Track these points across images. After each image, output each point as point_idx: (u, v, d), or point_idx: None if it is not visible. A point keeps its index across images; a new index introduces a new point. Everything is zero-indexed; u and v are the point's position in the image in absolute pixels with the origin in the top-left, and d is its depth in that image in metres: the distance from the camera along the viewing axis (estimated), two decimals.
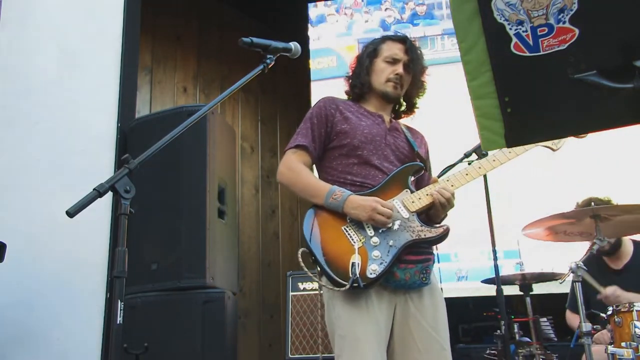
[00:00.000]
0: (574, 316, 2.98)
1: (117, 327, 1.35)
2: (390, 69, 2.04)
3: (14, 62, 3.31)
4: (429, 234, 1.84)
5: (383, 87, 2.04)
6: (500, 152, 1.94)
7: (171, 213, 2.78)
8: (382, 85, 2.04)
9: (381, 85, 2.04)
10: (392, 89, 2.04)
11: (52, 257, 2.94)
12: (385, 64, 2.05)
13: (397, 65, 2.04)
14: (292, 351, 3.18)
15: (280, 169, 1.98)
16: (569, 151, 2.21)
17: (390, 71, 2.03)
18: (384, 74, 2.04)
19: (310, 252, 1.80)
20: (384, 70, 2.05)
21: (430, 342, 1.82)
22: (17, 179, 3.11)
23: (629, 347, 2.13)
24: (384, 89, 2.04)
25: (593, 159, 3.88)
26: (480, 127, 1.16)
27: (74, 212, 1.33)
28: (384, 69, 2.05)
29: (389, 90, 2.04)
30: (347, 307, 1.77)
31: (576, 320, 2.92)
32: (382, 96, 2.06)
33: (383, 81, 2.04)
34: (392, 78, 2.03)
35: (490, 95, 1.11)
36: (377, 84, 2.05)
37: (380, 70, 2.05)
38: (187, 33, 4.79)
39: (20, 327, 2.87)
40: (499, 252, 2.38)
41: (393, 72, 2.03)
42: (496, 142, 1.16)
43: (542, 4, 1.01)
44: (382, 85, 2.04)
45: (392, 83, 2.03)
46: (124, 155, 1.48)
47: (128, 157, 1.45)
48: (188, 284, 2.63)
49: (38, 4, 3.41)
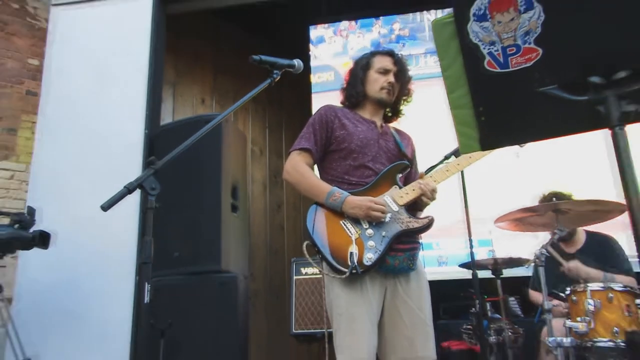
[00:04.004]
0: (535, 293, 2.99)
1: (145, 306, 1.35)
2: (383, 78, 2.04)
3: (58, 79, 3.33)
4: (416, 224, 1.84)
5: (378, 95, 2.04)
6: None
7: (191, 207, 2.78)
8: (377, 92, 2.04)
9: (376, 93, 2.04)
10: (386, 95, 2.04)
11: (90, 246, 2.95)
12: (378, 74, 2.05)
13: (389, 75, 2.04)
14: (295, 327, 3.18)
15: (286, 168, 1.97)
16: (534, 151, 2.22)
17: (383, 80, 2.03)
18: (378, 83, 2.04)
19: (313, 244, 1.80)
20: (377, 80, 2.04)
21: (415, 318, 1.82)
22: (61, 178, 3.12)
23: (583, 321, 2.13)
24: (379, 96, 2.04)
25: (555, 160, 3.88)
26: (458, 133, 1.16)
27: (107, 207, 1.33)
28: (378, 79, 2.04)
29: (383, 96, 2.04)
30: (345, 289, 1.77)
31: (536, 295, 2.95)
32: (376, 102, 2.05)
33: (377, 89, 2.04)
34: (386, 86, 2.03)
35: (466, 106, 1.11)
36: (372, 92, 2.05)
37: (374, 80, 2.05)
38: (205, 52, 4.78)
39: (64, 303, 2.89)
40: (474, 241, 2.37)
41: (386, 81, 2.03)
42: (472, 146, 1.16)
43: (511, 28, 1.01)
44: (377, 92, 2.04)
45: (385, 90, 2.03)
46: (150, 158, 1.47)
47: (154, 159, 1.45)
48: (205, 269, 2.63)
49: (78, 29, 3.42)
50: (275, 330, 4.41)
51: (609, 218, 2.38)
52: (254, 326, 3.72)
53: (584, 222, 2.57)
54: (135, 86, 3.23)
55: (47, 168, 3.15)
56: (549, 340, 2.17)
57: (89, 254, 2.94)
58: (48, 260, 2.86)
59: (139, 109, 3.18)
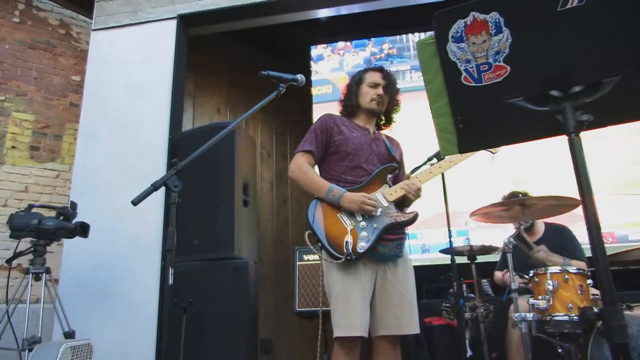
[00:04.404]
0: (499, 272, 3.01)
1: (169, 287, 1.36)
2: (373, 91, 2.03)
3: (95, 91, 3.34)
4: (403, 218, 1.84)
5: (369, 105, 2.03)
6: (454, 156, 1.95)
7: (208, 202, 2.77)
8: (367, 103, 2.04)
9: (367, 104, 2.04)
10: (376, 106, 2.04)
11: (122, 235, 2.96)
12: (369, 87, 2.04)
13: (378, 88, 2.04)
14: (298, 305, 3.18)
15: (291, 168, 1.97)
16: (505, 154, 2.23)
17: (373, 93, 2.03)
18: (369, 95, 2.03)
19: (313, 233, 1.80)
20: (368, 92, 2.04)
21: (402, 298, 1.83)
22: (97, 176, 3.12)
23: (544, 299, 2.14)
24: (370, 107, 2.04)
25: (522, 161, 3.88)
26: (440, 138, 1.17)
27: (137, 202, 1.34)
28: (369, 92, 2.04)
29: (373, 107, 2.03)
30: (341, 274, 1.78)
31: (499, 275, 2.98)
32: (368, 112, 2.05)
33: (368, 101, 2.03)
34: (375, 98, 2.03)
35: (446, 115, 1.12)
36: (363, 103, 2.04)
37: (366, 93, 2.04)
38: (221, 68, 4.77)
39: (101, 284, 2.89)
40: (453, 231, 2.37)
41: (375, 93, 2.03)
42: (451, 149, 1.17)
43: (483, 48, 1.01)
44: (368, 103, 2.03)
45: (375, 101, 2.03)
46: (173, 160, 1.48)
47: (176, 161, 1.46)
48: (221, 255, 2.63)
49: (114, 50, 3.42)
50: (281, 308, 4.41)
51: (566, 211, 2.39)
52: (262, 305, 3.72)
53: (546, 214, 2.57)
54: (160, 98, 3.22)
55: (87, 168, 3.16)
56: (515, 315, 2.18)
57: (121, 242, 2.95)
58: (87, 247, 2.87)
59: (163, 118, 3.18)
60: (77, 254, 2.93)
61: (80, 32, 4.33)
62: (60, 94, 4.13)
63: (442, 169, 1.99)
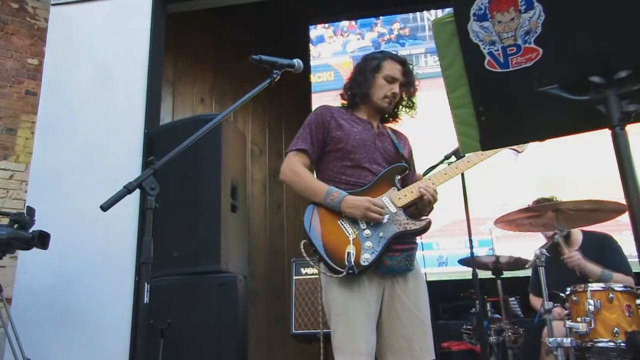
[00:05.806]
0: (536, 298, 2.98)
1: (144, 306, 1.35)
2: (388, 87, 2.01)
3: (56, 76, 3.33)
4: (413, 226, 1.84)
5: (380, 102, 2.02)
6: (473, 155, 1.94)
7: (190, 207, 2.77)
8: (379, 100, 2.02)
9: (379, 100, 2.02)
10: (387, 105, 2.02)
11: (89, 246, 2.95)
12: (385, 81, 2.02)
13: (394, 84, 2.01)
14: (295, 327, 3.18)
15: (283, 169, 1.96)
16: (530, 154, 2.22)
17: (388, 89, 2.01)
18: (383, 91, 2.01)
19: (310, 243, 1.79)
20: (382, 87, 2.01)
21: (413, 318, 1.82)
22: (59, 177, 3.11)
23: (584, 322, 2.13)
24: (381, 104, 2.02)
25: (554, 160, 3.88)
26: (459, 132, 1.16)
27: (106, 207, 1.33)
28: (383, 86, 2.01)
29: (384, 105, 2.02)
30: (342, 289, 1.77)
31: (537, 301, 2.94)
32: (376, 109, 2.05)
33: (381, 97, 2.01)
34: (389, 95, 2.01)
35: (467, 105, 1.11)
36: (375, 98, 2.02)
37: (380, 86, 2.02)
38: (205, 51, 4.78)
39: (62, 305, 2.88)
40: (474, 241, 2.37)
41: (390, 90, 2.01)
42: (472, 146, 1.16)
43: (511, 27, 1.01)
44: (380, 100, 2.02)
45: (388, 100, 2.01)
46: (150, 158, 1.47)
47: (153, 159, 1.45)
48: (205, 269, 2.63)
49: (78, 28, 3.41)
50: (274, 330, 4.41)
51: (608, 218, 2.38)
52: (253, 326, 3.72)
53: (583, 222, 2.56)
54: (134, 85, 3.22)
55: (47, 168, 3.15)
56: (549, 340, 2.17)
57: (88, 254, 2.94)
58: (47, 261, 2.85)
59: (138, 109, 3.18)
60: (34, 268, 2.93)
61: (37, 7, 4.32)
62: (13, 80, 4.12)
63: (459, 169, 1.98)
